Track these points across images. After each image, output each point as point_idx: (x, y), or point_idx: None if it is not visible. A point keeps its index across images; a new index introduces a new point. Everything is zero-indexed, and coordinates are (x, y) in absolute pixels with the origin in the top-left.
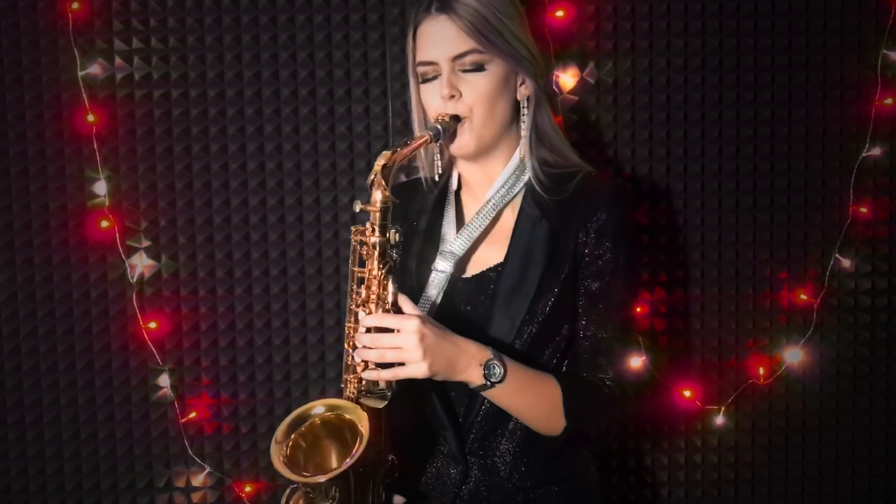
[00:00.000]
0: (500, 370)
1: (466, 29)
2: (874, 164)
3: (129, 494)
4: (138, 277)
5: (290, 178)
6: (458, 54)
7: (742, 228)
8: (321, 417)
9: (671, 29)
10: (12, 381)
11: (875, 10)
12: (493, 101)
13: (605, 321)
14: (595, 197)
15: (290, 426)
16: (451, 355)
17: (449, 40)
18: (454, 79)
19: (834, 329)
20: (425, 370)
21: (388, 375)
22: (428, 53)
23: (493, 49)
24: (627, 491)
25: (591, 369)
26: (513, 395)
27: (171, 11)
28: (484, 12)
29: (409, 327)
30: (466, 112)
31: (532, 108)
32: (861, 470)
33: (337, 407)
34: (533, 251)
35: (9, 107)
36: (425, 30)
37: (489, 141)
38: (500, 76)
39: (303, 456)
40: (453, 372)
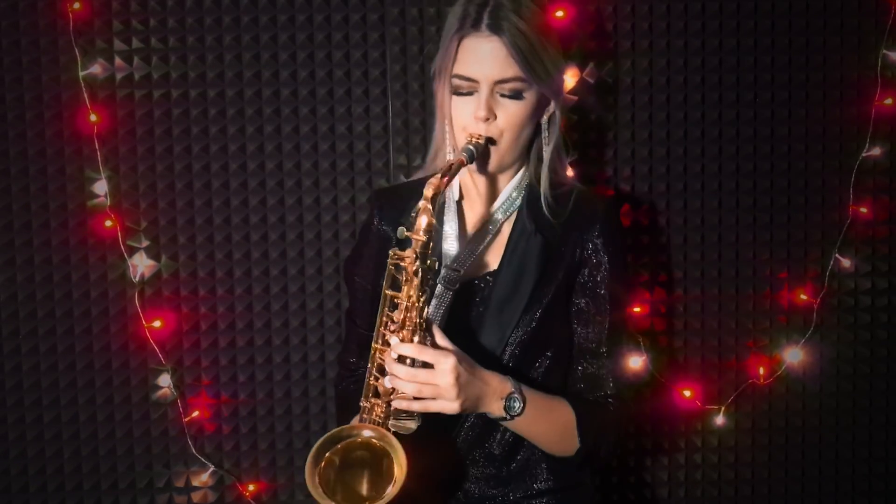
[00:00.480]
0: (519, 404)
1: (515, 55)
2: (874, 164)
3: (129, 494)
4: (139, 277)
5: (290, 178)
6: (501, 79)
7: (742, 228)
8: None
9: (671, 29)
10: (12, 381)
11: (875, 10)
12: (523, 127)
13: (599, 337)
14: (588, 214)
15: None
16: (479, 392)
17: (495, 63)
18: (492, 101)
19: (834, 329)
20: (457, 408)
21: (419, 407)
22: (470, 70)
23: (536, 80)
24: (627, 491)
25: (595, 390)
26: (530, 425)
27: (171, 11)
28: (531, 37)
29: (446, 366)
30: (496, 135)
31: (555, 129)
32: (861, 470)
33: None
34: (526, 263)
35: (9, 107)
36: (472, 45)
37: (508, 164)
38: (533, 104)
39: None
40: (478, 407)
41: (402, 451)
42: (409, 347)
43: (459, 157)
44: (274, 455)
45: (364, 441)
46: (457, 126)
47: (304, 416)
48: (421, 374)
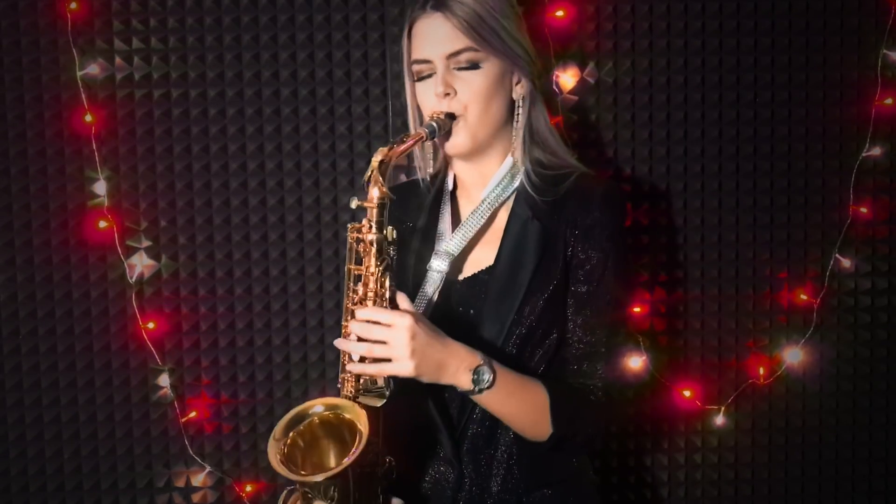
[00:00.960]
0: (489, 376)
1: (461, 27)
2: (874, 164)
3: (129, 494)
4: (138, 277)
5: (290, 178)
6: (452, 52)
7: (742, 228)
8: (320, 416)
9: (671, 29)
10: (12, 381)
11: (875, 10)
12: (488, 99)
13: (594, 326)
14: (587, 197)
15: (289, 424)
16: (441, 357)
17: (444, 38)
18: (449, 77)
19: (834, 329)
20: (411, 369)
21: (373, 371)
22: (422, 51)
23: (488, 47)
24: (627, 491)
25: (579, 375)
26: (501, 401)
27: (171, 11)
28: (479, 10)
29: (401, 323)
30: (461, 110)
31: (526, 107)
32: (861, 470)
33: (336, 406)
34: (523, 252)
35: (9, 107)
36: (420, 28)
37: (483, 139)
38: (495, 75)
39: (301, 455)
40: (441, 375)
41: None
42: (367, 310)
43: (419, 131)
44: None
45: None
46: (426, 112)
47: None
48: (374, 331)
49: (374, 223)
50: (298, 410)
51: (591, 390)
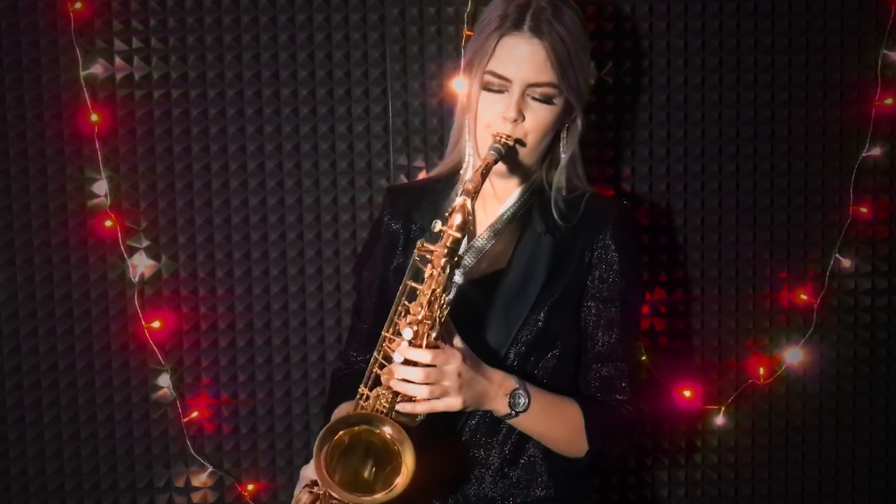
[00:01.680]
0: (524, 400)
1: (552, 61)
2: (874, 164)
3: (129, 494)
4: (138, 277)
5: (290, 178)
6: (535, 83)
7: (742, 228)
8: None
9: (671, 29)
10: (12, 381)
11: (875, 10)
12: (548, 132)
13: (621, 347)
14: (601, 218)
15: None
16: (483, 389)
17: (532, 65)
18: (522, 103)
19: (834, 329)
20: (460, 405)
21: (425, 409)
22: (506, 69)
23: (566, 87)
24: (627, 491)
25: (609, 393)
26: (536, 422)
27: (171, 11)
28: (569, 45)
29: (451, 366)
30: (521, 136)
31: (575, 137)
32: (861, 470)
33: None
34: (535, 263)
35: (9, 107)
36: (511, 44)
37: (527, 166)
38: (560, 111)
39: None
40: (482, 403)
41: (412, 455)
42: (420, 353)
43: (488, 156)
44: (274, 455)
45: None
46: (481, 122)
47: (304, 415)
48: (431, 375)
49: (449, 249)
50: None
51: (623, 405)
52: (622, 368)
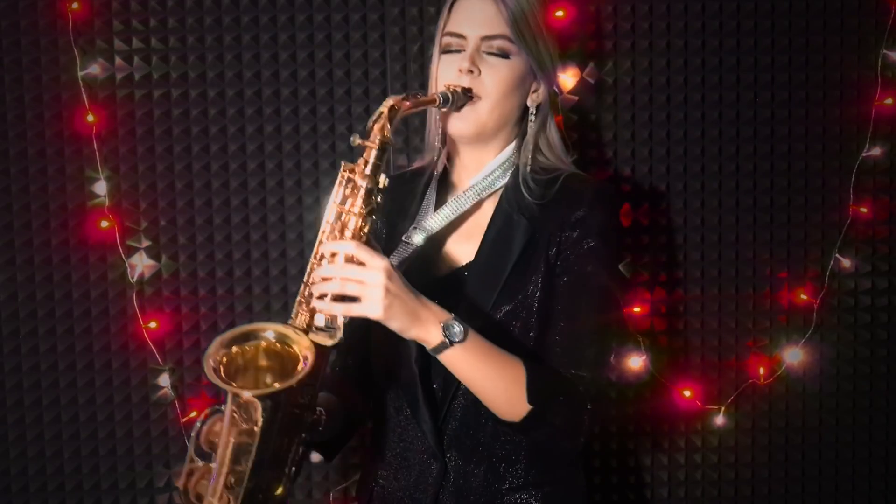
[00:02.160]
0: (459, 329)
1: (504, 14)
2: (874, 164)
3: (129, 494)
4: (138, 277)
5: (290, 178)
6: (488, 35)
7: (742, 228)
8: (267, 341)
9: (671, 29)
10: (12, 381)
11: (875, 10)
12: (508, 92)
13: (581, 316)
14: (576, 195)
15: (234, 339)
16: (413, 307)
17: (484, 20)
18: (477, 57)
19: (834, 329)
20: (381, 312)
21: (342, 310)
22: (459, 26)
23: (521, 42)
24: (627, 491)
25: (565, 365)
26: (472, 363)
27: (171, 11)
28: (525, 9)
29: (378, 264)
30: (480, 92)
31: (542, 115)
32: (861, 470)
33: (286, 336)
34: (505, 247)
35: (9, 107)
36: (464, 4)
37: (490, 129)
38: (519, 71)
39: (236, 371)
40: (411, 324)
41: (311, 344)
42: (347, 243)
43: (432, 95)
44: None
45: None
46: (440, 85)
47: None
48: (350, 268)
49: (370, 165)
50: (248, 329)
51: (577, 380)
52: (582, 344)
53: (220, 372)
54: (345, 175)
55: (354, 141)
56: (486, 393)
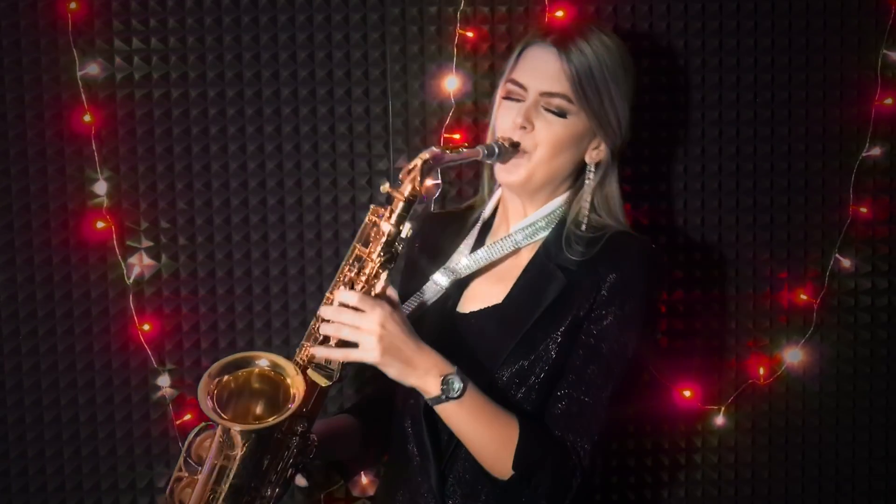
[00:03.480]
0: (459, 386)
1: (568, 74)
2: (874, 164)
3: (129, 494)
4: (137, 278)
5: (290, 178)
6: (548, 92)
7: (742, 228)
8: (261, 370)
9: (671, 29)
10: (12, 381)
11: (875, 10)
12: (560, 150)
13: (594, 387)
14: (616, 257)
15: (227, 366)
16: (410, 356)
17: (547, 74)
18: (533, 112)
19: (834, 329)
20: (377, 357)
21: (339, 356)
22: (522, 76)
23: (582, 102)
24: (627, 491)
25: (563, 429)
26: (466, 419)
27: (171, 11)
28: (594, 66)
29: (374, 312)
30: (530, 147)
31: (600, 175)
32: (861, 470)
33: (279, 367)
34: (534, 296)
35: (9, 107)
36: (532, 54)
37: (537, 182)
38: (576, 130)
39: (228, 398)
40: (408, 373)
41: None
42: (347, 294)
43: (477, 149)
44: None
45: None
46: (497, 132)
47: None
48: (344, 314)
49: (396, 216)
50: (242, 356)
51: (574, 449)
52: (592, 414)
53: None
54: (372, 218)
55: (384, 188)
56: (475, 449)
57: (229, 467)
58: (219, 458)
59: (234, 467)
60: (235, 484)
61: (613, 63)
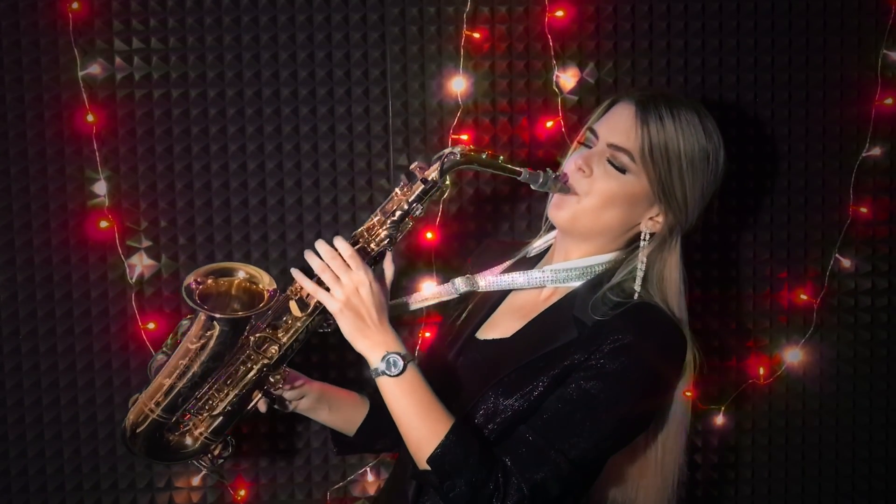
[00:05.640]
0: (400, 364)
1: (639, 136)
2: (874, 164)
3: (129, 494)
4: (138, 277)
5: (290, 178)
6: (615, 144)
7: (742, 228)
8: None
9: (671, 29)
10: (12, 381)
11: (875, 10)
12: (610, 203)
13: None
14: (633, 321)
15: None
16: (368, 324)
17: (621, 128)
18: (596, 159)
19: (834, 329)
20: (335, 308)
21: (310, 287)
22: (599, 126)
23: (645, 168)
24: None
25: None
26: (399, 398)
27: (171, 11)
28: (669, 141)
29: (357, 273)
30: (583, 191)
31: (652, 246)
32: (861, 470)
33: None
34: (540, 341)
35: (9, 107)
36: (617, 110)
37: (582, 229)
38: (633, 191)
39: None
40: (358, 338)
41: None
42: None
43: (520, 169)
44: (273, 455)
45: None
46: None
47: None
48: (334, 262)
49: (414, 195)
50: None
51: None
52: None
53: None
54: (397, 191)
55: (413, 166)
56: (402, 429)
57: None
58: (192, 342)
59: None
60: (198, 371)
61: (692, 146)
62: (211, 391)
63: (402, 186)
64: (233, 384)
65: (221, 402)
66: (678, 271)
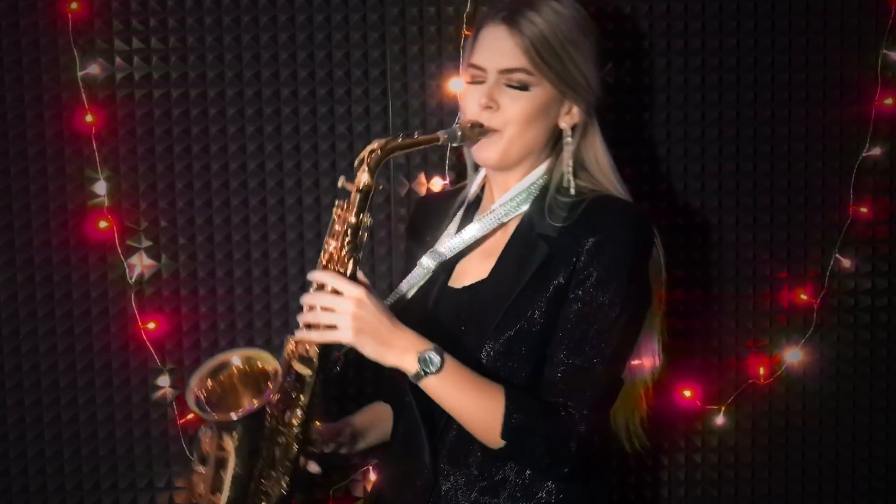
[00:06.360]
0: (438, 360)
1: (522, 47)
2: (874, 164)
3: (129, 494)
4: (138, 277)
5: (290, 178)
6: (506, 69)
7: (742, 228)
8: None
9: (671, 29)
10: (12, 381)
11: (875, 10)
12: (529, 122)
13: (584, 348)
14: (594, 221)
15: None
16: (386, 336)
17: (502, 52)
18: (496, 91)
19: (834, 329)
20: (350, 336)
21: (317, 337)
22: (479, 59)
23: (543, 73)
24: (627, 491)
25: (559, 395)
26: (449, 392)
27: (171, 11)
28: (547, 34)
29: (350, 293)
30: (500, 125)
31: (577, 138)
32: (861, 470)
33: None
34: (518, 269)
35: (9, 107)
36: (485, 35)
37: (513, 157)
38: (542, 100)
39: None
40: (384, 352)
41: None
42: (325, 274)
43: (436, 134)
44: None
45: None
46: (464, 116)
47: None
48: (322, 298)
49: (355, 207)
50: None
51: (569, 413)
52: (586, 378)
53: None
54: (337, 212)
55: (340, 183)
56: (464, 421)
57: (227, 458)
58: (217, 450)
59: (232, 458)
60: (238, 474)
61: (568, 26)
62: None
63: (340, 205)
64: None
65: (276, 487)
66: (605, 149)
